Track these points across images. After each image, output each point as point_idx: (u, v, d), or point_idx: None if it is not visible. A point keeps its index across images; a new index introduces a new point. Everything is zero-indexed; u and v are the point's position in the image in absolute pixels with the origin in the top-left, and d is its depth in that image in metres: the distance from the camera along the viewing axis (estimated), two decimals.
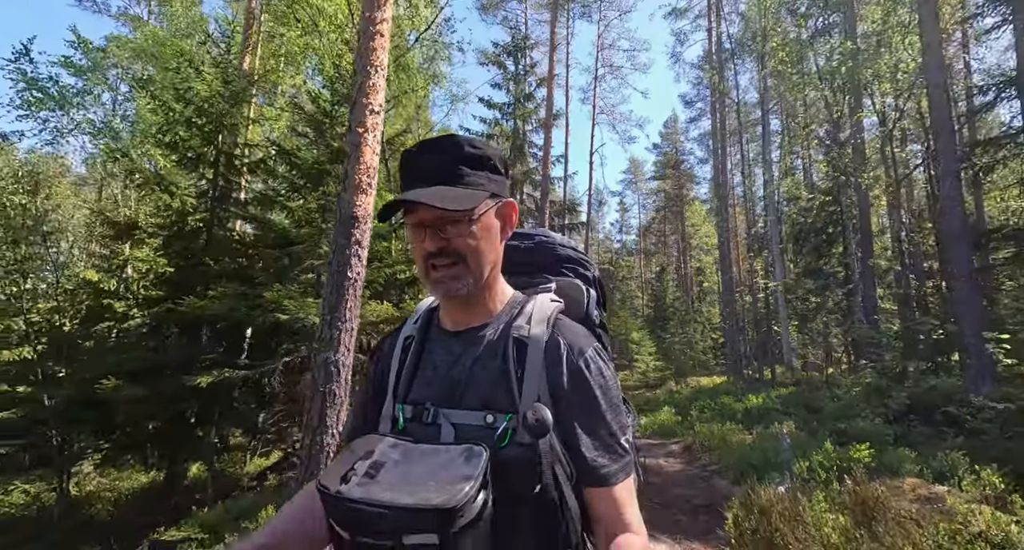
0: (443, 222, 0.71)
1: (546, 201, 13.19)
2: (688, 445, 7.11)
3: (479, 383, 0.73)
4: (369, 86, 3.37)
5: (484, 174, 0.74)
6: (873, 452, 4.17)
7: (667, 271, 29.79)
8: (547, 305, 0.79)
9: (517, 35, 14.68)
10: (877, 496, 2.80)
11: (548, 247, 0.95)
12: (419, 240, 0.72)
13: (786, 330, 13.79)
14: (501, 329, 0.76)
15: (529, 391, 0.70)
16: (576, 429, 0.71)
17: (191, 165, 8.74)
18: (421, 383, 0.77)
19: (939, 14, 8.36)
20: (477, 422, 0.70)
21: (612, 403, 0.74)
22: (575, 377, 0.72)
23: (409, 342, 0.82)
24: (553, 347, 0.73)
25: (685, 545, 3.94)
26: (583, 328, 0.79)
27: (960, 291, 7.17)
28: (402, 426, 0.74)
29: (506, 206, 0.78)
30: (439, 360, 0.78)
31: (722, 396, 10.31)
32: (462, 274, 0.72)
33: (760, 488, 3.22)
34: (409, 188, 0.72)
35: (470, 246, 0.72)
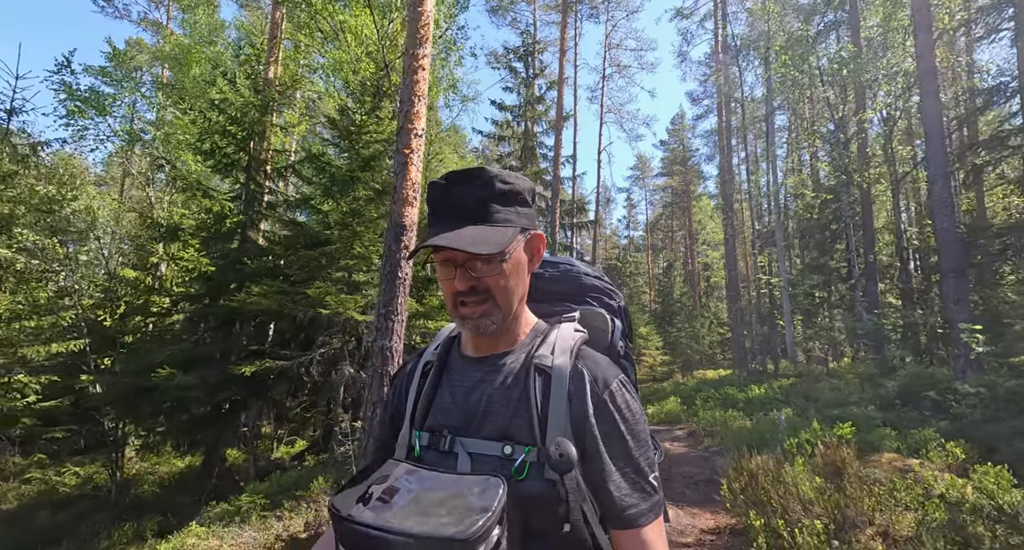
0: (473, 261, 0.70)
1: (556, 201, 13.76)
2: (692, 430, 7.67)
3: (498, 412, 0.71)
4: (413, 113, 3.94)
5: (514, 209, 0.73)
6: (855, 431, 4.70)
7: (674, 267, 30.20)
8: (570, 334, 0.78)
9: (527, 39, 15.19)
10: (844, 458, 3.35)
11: (573, 276, 0.94)
12: (448, 277, 0.72)
13: (790, 324, 14.25)
14: (523, 358, 0.75)
15: (552, 424, 0.67)
16: (602, 466, 0.68)
17: (225, 171, 9.38)
18: (439, 410, 0.76)
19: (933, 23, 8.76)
20: (495, 453, 0.68)
21: (639, 438, 0.71)
22: (600, 410, 0.69)
23: (428, 368, 0.81)
24: (577, 378, 0.71)
25: (687, 510, 4.52)
26: (607, 359, 0.77)
27: (949, 285, 7.64)
28: (418, 453, 0.73)
29: (534, 239, 0.78)
30: (458, 387, 0.76)
31: (726, 387, 10.83)
32: (491, 311, 0.71)
33: (750, 457, 3.78)
34: (439, 224, 0.72)
35: (500, 285, 0.71)
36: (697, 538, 3.87)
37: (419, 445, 0.73)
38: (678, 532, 4.03)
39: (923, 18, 8.22)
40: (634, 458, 0.69)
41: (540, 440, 0.66)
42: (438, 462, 0.70)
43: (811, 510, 3.04)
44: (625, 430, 0.69)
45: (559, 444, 0.65)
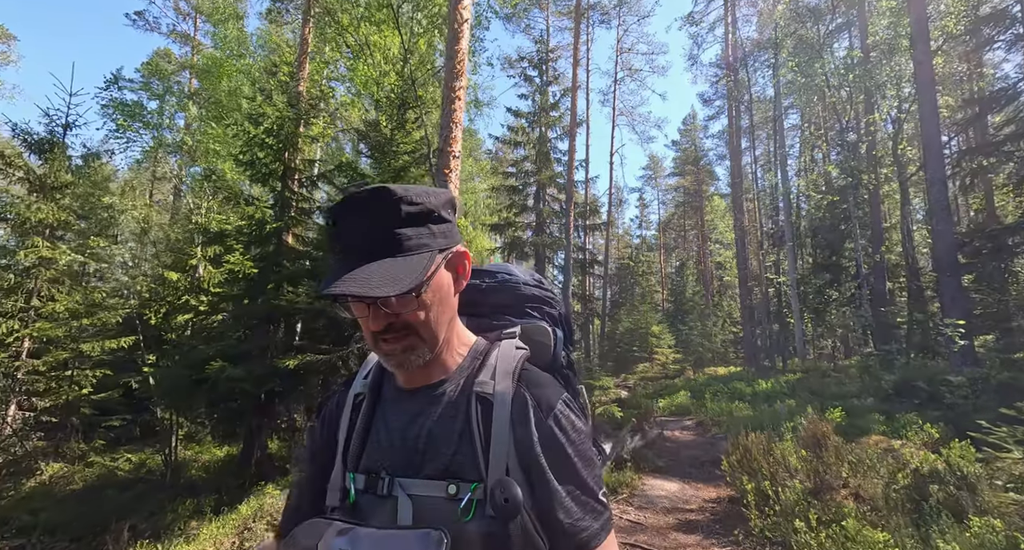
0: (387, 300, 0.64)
1: (571, 204, 14.35)
2: (701, 420, 8.22)
3: (439, 448, 0.66)
4: (452, 137, 4.58)
5: (427, 230, 0.66)
6: (847, 416, 5.24)
7: (687, 266, 30.52)
8: (512, 354, 0.74)
9: (542, 48, 15.79)
10: (824, 432, 3.91)
11: (511, 286, 0.90)
12: (363, 316, 0.66)
13: (799, 322, 14.64)
14: (462, 384, 0.71)
15: (496, 457, 0.64)
16: (551, 493, 0.65)
17: (263, 180, 10.16)
18: (374, 448, 0.70)
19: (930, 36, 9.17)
20: (438, 493, 0.64)
21: (586, 458, 0.69)
22: (546, 437, 0.66)
23: (360, 400, 0.75)
24: (519, 405, 0.68)
25: (692, 485, 5.11)
26: (550, 378, 0.75)
27: (945, 284, 8.07)
28: (353, 499, 0.67)
29: (456, 257, 0.72)
30: (394, 422, 0.71)
31: (734, 382, 11.33)
32: (415, 345, 0.66)
33: (747, 435, 4.36)
34: (341, 256, 0.65)
35: (420, 318, 0.66)
36: (700, 505, 4.47)
37: (354, 488, 0.68)
38: (683, 501, 4.62)
39: (921, 31, 8.65)
40: (583, 478, 0.67)
41: (485, 475, 0.63)
42: (376, 508, 0.65)
43: (795, 476, 3.61)
44: (572, 452, 0.67)
45: (504, 486, 0.62)
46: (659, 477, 5.28)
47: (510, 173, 15.58)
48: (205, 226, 10.07)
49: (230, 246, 9.34)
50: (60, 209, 11.02)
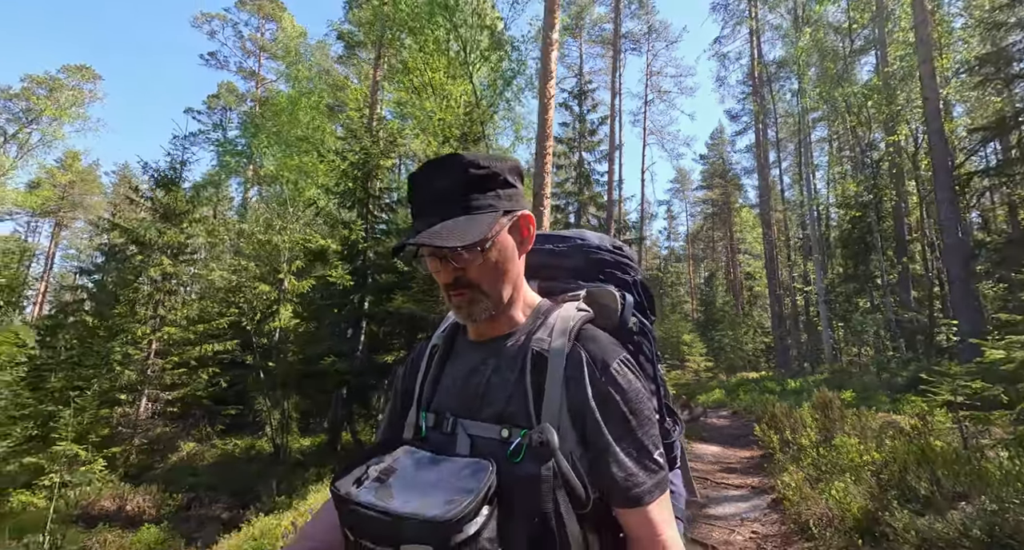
0: (456, 253, 0.71)
1: (611, 222, 15.89)
2: (735, 411, 9.56)
3: (496, 396, 0.73)
4: (544, 183, 6.24)
5: (493, 193, 0.73)
6: (857, 397, 6.59)
7: (716, 276, 31.40)
8: (571, 315, 0.78)
9: (581, 80, 17.57)
10: (830, 399, 5.30)
11: (584, 251, 0.93)
12: (436, 271, 0.74)
13: (827, 330, 15.66)
14: (522, 341, 0.76)
15: (549, 407, 0.69)
16: (604, 447, 0.69)
17: (351, 206, 12.08)
18: (443, 392, 0.78)
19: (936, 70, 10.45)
20: (493, 435, 0.70)
21: (641, 416, 0.71)
22: (599, 392, 0.70)
23: (435, 351, 0.84)
24: (574, 361, 0.71)
25: (731, 449, 6.53)
26: (610, 338, 0.77)
27: (956, 293, 9.24)
28: (424, 434, 0.76)
29: (521, 220, 0.77)
30: (460, 370, 0.79)
31: (765, 382, 12.53)
32: (479, 299, 0.73)
33: (774, 406, 5.78)
34: (418, 216, 0.74)
35: (485, 275, 0.73)
36: (737, 460, 5.90)
37: (426, 426, 0.76)
38: (724, 458, 6.07)
39: (928, 70, 9.94)
40: (636, 437, 0.70)
41: (535, 424, 0.68)
42: (442, 443, 0.73)
43: (808, 429, 5.01)
44: (626, 409, 0.70)
45: (541, 431, 0.66)
46: (703, 443, 6.73)
47: (554, 194, 17.29)
48: (304, 244, 12.03)
49: (331, 262, 11.23)
50: (179, 232, 13.24)
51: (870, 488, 3.33)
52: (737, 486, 4.83)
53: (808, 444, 4.64)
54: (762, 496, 4.39)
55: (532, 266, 0.85)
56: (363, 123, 12.62)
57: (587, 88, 17.36)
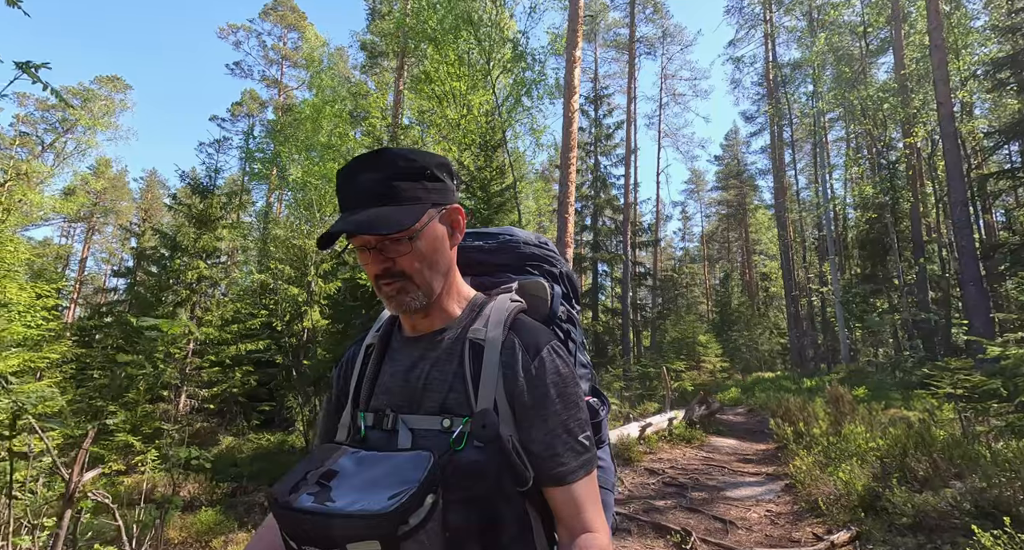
0: (384, 243, 0.72)
1: (627, 225, 16.23)
2: (751, 408, 9.86)
3: (436, 387, 0.74)
4: (568, 192, 6.68)
5: (421, 185, 0.74)
6: (869, 393, 6.90)
7: (732, 277, 31.42)
8: (506, 305, 0.81)
9: (598, 85, 17.94)
10: (841, 393, 5.63)
11: (512, 246, 0.97)
12: (365, 262, 0.75)
13: (843, 330, 15.80)
14: (459, 333, 0.78)
15: (484, 394, 0.72)
16: (533, 430, 0.72)
17: None
18: (381, 390, 0.79)
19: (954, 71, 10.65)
20: (434, 427, 0.72)
21: (568, 400, 0.75)
22: (529, 377, 0.73)
23: (371, 350, 0.84)
24: (508, 348, 0.75)
25: (746, 441, 6.89)
26: (541, 326, 0.81)
27: (969, 294, 9.43)
28: (363, 434, 0.76)
29: (451, 212, 0.79)
30: (398, 366, 0.79)
31: (781, 380, 12.78)
32: (410, 289, 0.74)
33: (788, 400, 6.13)
34: (346, 209, 0.74)
35: (414, 264, 0.73)
36: (753, 452, 6.26)
37: (364, 426, 0.77)
38: (740, 450, 6.44)
39: (941, 72, 10.15)
40: (564, 420, 0.73)
41: (475, 409, 0.71)
42: (382, 441, 0.74)
43: (820, 421, 5.36)
44: (554, 394, 0.73)
45: (483, 416, 0.70)
46: (720, 437, 7.09)
47: None
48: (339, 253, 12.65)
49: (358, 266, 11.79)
50: (214, 238, 13.97)
51: (874, 470, 3.70)
52: (753, 474, 5.21)
53: (819, 434, 5.00)
54: (776, 481, 4.77)
55: (464, 263, 0.88)
56: (387, 130, 13.18)
57: (603, 93, 17.70)
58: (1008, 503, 2.75)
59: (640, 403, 9.43)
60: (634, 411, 8.24)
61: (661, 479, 5.13)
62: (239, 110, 30.21)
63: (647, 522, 3.97)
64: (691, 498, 4.51)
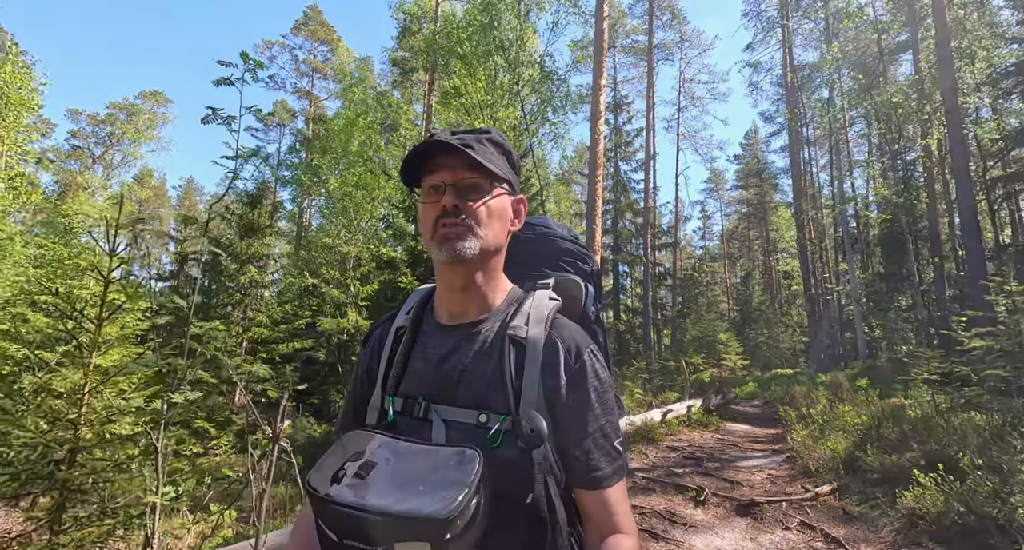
0: (464, 186, 0.72)
1: (647, 227, 17.04)
2: (766, 400, 10.63)
3: (473, 381, 0.73)
4: (595, 206, 7.61)
5: (505, 162, 0.76)
6: (871, 384, 7.66)
7: (752, 275, 31.73)
8: (545, 303, 0.80)
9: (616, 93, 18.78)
10: (841, 382, 6.43)
11: (549, 239, 0.95)
12: (435, 199, 0.73)
13: (860, 327, 16.30)
14: (498, 327, 0.77)
15: (526, 394, 0.70)
16: (571, 432, 0.72)
17: (411, 219, 13.74)
18: (412, 376, 0.77)
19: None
20: (470, 420, 0.71)
21: (607, 406, 0.75)
22: (571, 380, 0.73)
23: (401, 332, 0.82)
24: (550, 349, 0.74)
25: (757, 427, 7.72)
26: (580, 328, 0.80)
27: (975, 292, 10.03)
28: (391, 419, 0.75)
29: (520, 201, 0.80)
30: (432, 354, 0.77)
31: (798, 376, 13.44)
32: (468, 236, 0.72)
33: (794, 388, 6.96)
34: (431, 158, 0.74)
35: (486, 214, 0.73)
36: (763, 435, 7.11)
37: (392, 410, 0.75)
38: (751, 434, 7.29)
39: (948, 80, 10.73)
40: (601, 424, 0.74)
41: (514, 410, 0.70)
42: (412, 428, 0.72)
43: (819, 405, 6.18)
44: (595, 399, 0.74)
45: (531, 418, 0.69)
46: (735, 423, 7.95)
47: None
48: (374, 254, 13.77)
49: (400, 269, 12.92)
50: (263, 244, 15.28)
51: (855, 439, 4.56)
52: (760, 450, 6.08)
53: (816, 413, 5.85)
54: (779, 455, 5.64)
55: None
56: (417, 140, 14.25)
57: (622, 101, 18.52)
58: (951, 458, 3.59)
59: (661, 392, 10.30)
60: (656, 399, 9.13)
61: (680, 454, 6.05)
62: (271, 120, 31.86)
63: (668, 483, 4.90)
64: (706, 467, 5.42)
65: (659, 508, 4.28)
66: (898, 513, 3.51)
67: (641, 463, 5.70)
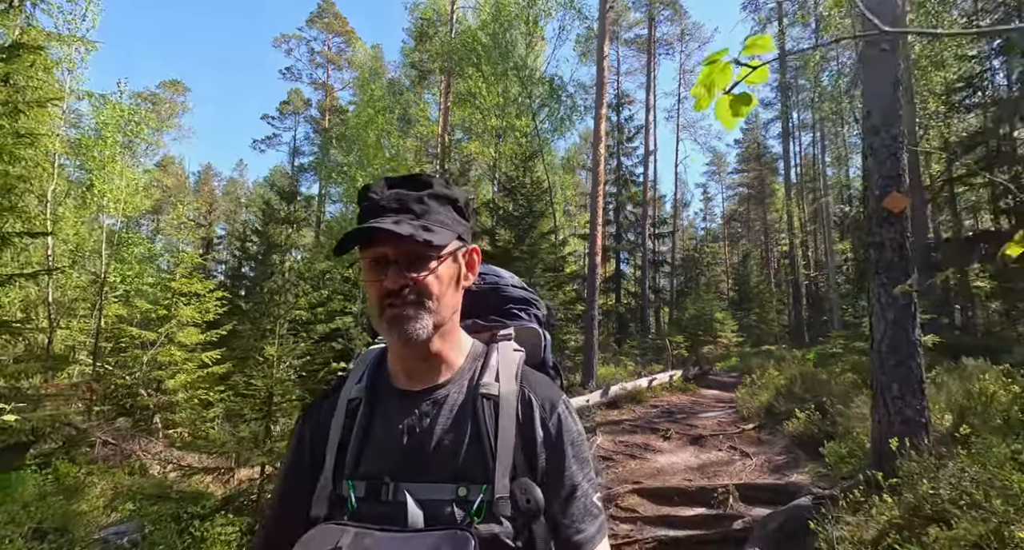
0: (407, 258, 0.68)
1: (646, 219, 18.88)
2: (742, 371, 12.76)
3: (447, 451, 0.69)
4: (597, 222, 9.55)
5: (451, 214, 0.73)
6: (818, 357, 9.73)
7: (752, 256, 33.50)
8: (511, 356, 0.78)
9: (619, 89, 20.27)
10: (784, 356, 8.49)
11: (499, 288, 0.94)
12: (376, 277, 0.69)
13: (837, 307, 18.32)
14: (466, 387, 0.74)
15: (503, 457, 0.67)
16: (553, 492, 0.70)
17: None
18: (374, 453, 0.71)
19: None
20: (448, 496, 0.66)
21: (583, 460, 0.73)
22: (548, 437, 0.71)
23: (355, 405, 0.74)
24: (524, 405, 0.72)
25: (727, 391, 9.85)
26: (548, 379, 0.80)
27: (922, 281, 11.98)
28: (353, 507, 0.67)
29: (470, 252, 0.77)
30: (395, 425, 0.71)
31: (777, 352, 15.56)
32: (420, 315, 0.68)
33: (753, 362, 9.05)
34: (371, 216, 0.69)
35: (434, 287, 0.69)
36: (729, 398, 9.24)
37: (354, 497, 0.67)
38: (720, 397, 9.40)
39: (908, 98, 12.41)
40: (580, 483, 0.72)
41: (494, 476, 0.66)
42: (382, 516, 0.65)
43: (767, 372, 8.26)
44: (571, 454, 0.72)
45: (525, 489, 0.66)
46: (708, 389, 10.12)
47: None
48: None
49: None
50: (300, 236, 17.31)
51: (774, 394, 6.66)
52: (720, 407, 8.22)
53: (757, 377, 7.95)
54: (731, 409, 7.77)
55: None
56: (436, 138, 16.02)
57: (624, 98, 20.04)
58: (823, 403, 5.66)
59: (648, 365, 12.44)
60: (644, 370, 11.24)
61: (659, 410, 8.20)
62: (286, 108, 33.38)
63: (647, 427, 7.04)
64: (675, 417, 7.58)
65: (639, 442, 6.41)
66: (785, 437, 5.63)
67: (630, 415, 7.85)
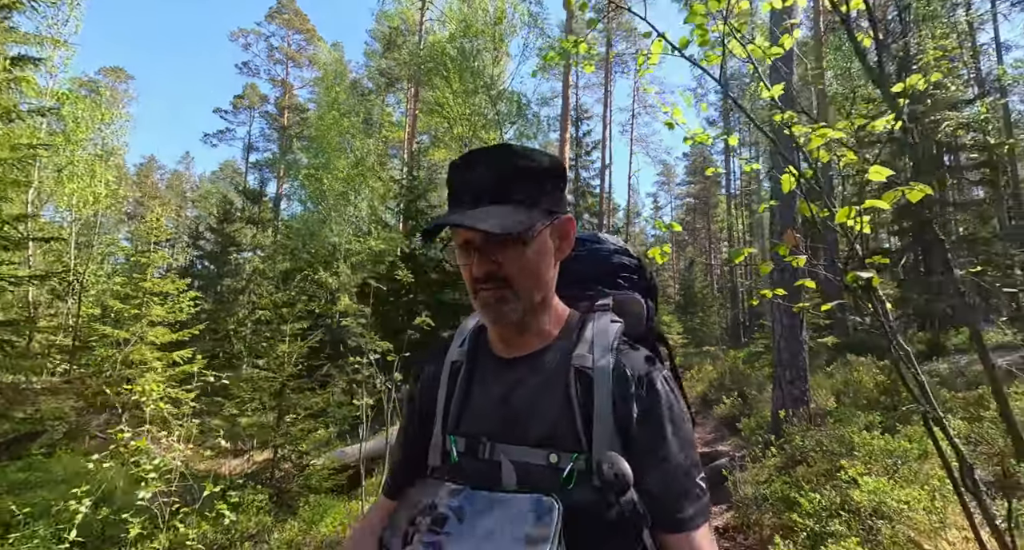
0: (492, 245, 0.69)
1: (601, 227, 20.33)
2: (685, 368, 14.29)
3: (540, 417, 0.71)
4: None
5: (538, 188, 0.72)
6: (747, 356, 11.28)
7: (696, 263, 36.03)
8: (608, 328, 0.76)
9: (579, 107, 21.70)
10: (718, 354, 9.93)
11: (603, 256, 0.92)
12: (467, 261, 0.71)
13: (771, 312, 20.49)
14: (560, 357, 0.74)
15: (599, 430, 0.67)
16: (648, 470, 0.68)
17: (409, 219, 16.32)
18: (473, 414, 0.76)
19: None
20: (540, 461, 0.68)
21: (684, 438, 0.71)
22: (645, 412, 0.69)
23: (457, 367, 0.80)
24: (620, 379, 0.70)
25: None
26: (647, 352, 0.76)
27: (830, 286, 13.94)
28: (455, 460, 0.73)
29: (564, 223, 0.76)
30: (493, 389, 0.76)
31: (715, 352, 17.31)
32: (509, 299, 0.70)
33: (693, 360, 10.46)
34: (456, 205, 0.71)
35: (521, 272, 0.70)
36: None
37: (456, 451, 0.74)
38: None
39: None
40: (681, 460, 0.69)
41: (587, 446, 0.67)
42: (479, 471, 0.70)
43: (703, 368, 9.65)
44: (670, 432, 0.69)
45: (613, 462, 0.65)
46: None
47: None
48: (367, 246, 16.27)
49: (385, 261, 15.53)
50: (264, 236, 17.53)
51: (707, 386, 7.99)
52: None
53: (695, 373, 9.32)
54: None
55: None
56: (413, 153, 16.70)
57: (583, 115, 21.49)
58: (744, 390, 6.99)
59: None
60: None
61: None
62: (241, 103, 32.61)
63: None
64: None
65: None
66: (715, 419, 6.92)
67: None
